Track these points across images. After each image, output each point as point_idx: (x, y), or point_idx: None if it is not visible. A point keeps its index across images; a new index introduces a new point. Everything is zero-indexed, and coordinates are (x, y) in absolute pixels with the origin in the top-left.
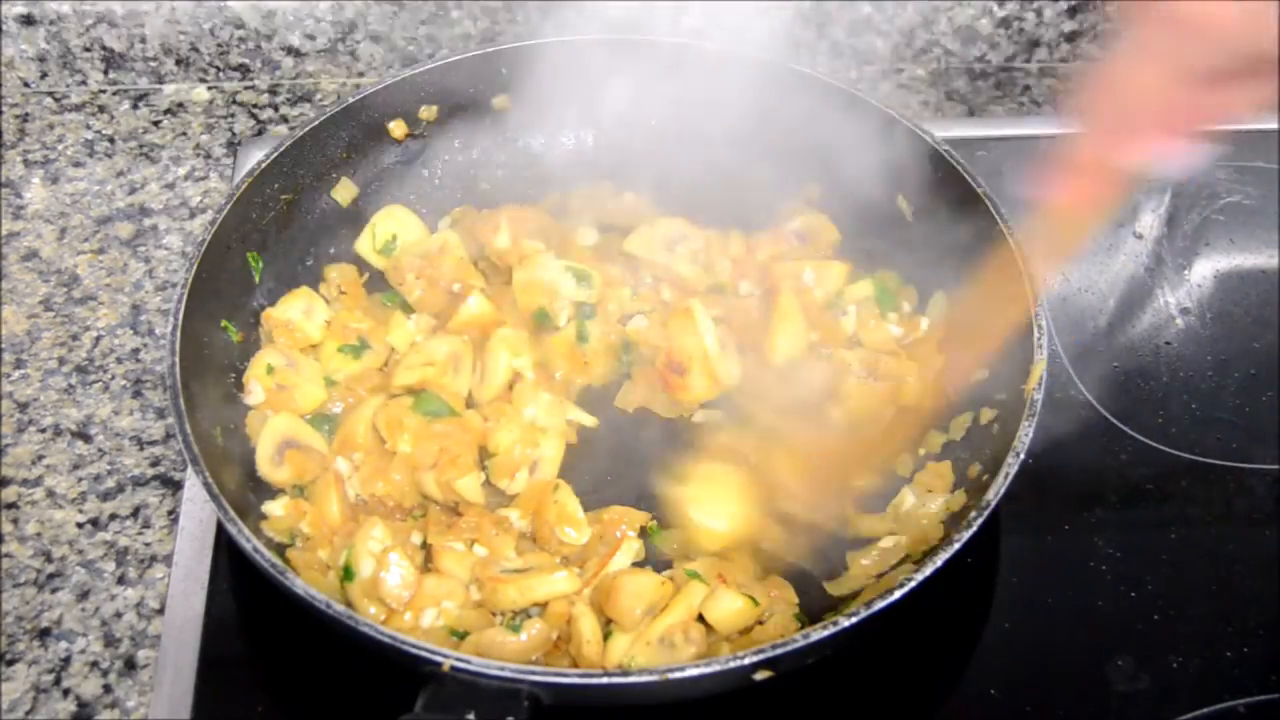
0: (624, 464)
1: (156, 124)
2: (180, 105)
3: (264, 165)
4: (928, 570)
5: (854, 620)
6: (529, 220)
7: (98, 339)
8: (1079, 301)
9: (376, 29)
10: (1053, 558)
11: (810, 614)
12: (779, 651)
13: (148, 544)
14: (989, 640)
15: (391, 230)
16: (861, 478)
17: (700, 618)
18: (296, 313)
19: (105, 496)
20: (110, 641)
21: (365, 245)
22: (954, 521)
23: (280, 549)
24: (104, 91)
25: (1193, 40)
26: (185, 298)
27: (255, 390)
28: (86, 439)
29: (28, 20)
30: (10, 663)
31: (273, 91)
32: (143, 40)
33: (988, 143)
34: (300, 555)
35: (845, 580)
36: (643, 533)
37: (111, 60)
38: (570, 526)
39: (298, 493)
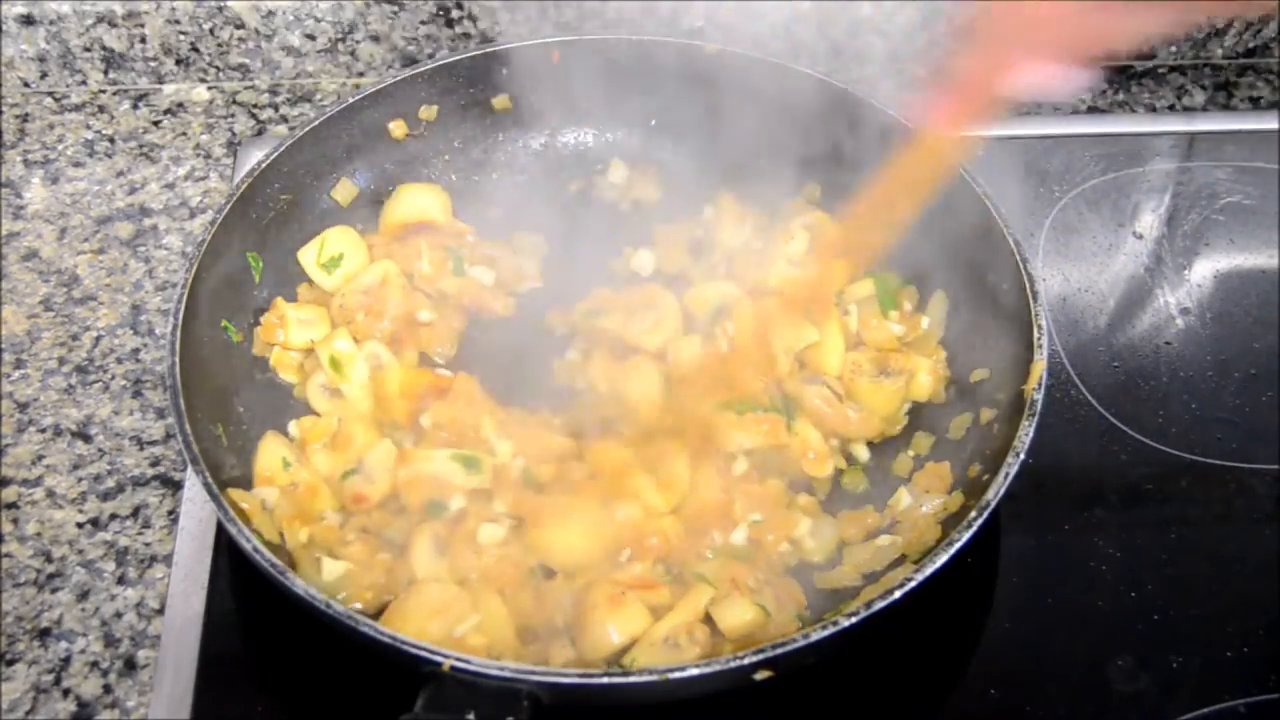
0: None
1: (156, 124)
2: (180, 105)
3: (264, 165)
4: (928, 570)
5: (854, 620)
6: (447, 240)
7: (98, 339)
8: (1079, 301)
9: (376, 29)
10: (1053, 558)
11: (811, 613)
12: (779, 651)
13: (148, 544)
14: (989, 640)
15: (338, 249)
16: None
17: (706, 617)
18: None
19: (105, 496)
20: (110, 641)
21: (309, 257)
22: (952, 522)
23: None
24: (104, 91)
25: None
26: (185, 298)
27: None
28: (86, 439)
29: (28, 20)
30: (10, 663)
31: (273, 91)
32: (143, 40)
33: (988, 143)
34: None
35: (836, 575)
36: None
37: (111, 60)
38: None
39: None
